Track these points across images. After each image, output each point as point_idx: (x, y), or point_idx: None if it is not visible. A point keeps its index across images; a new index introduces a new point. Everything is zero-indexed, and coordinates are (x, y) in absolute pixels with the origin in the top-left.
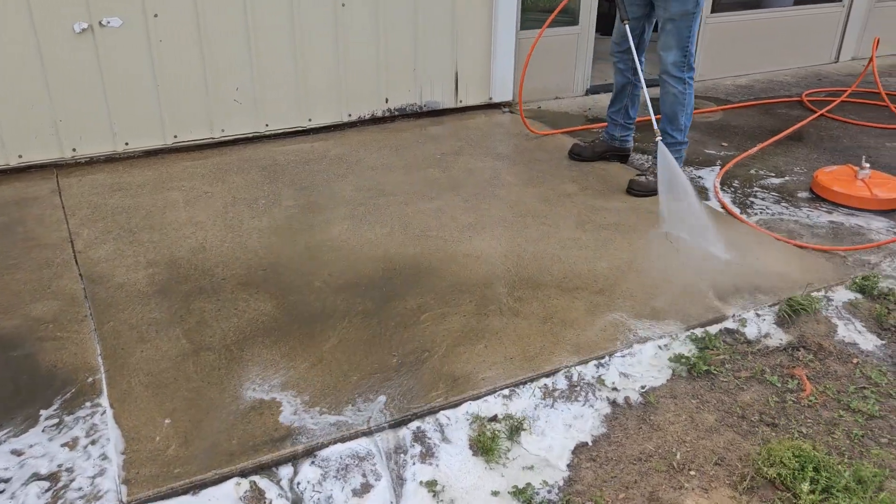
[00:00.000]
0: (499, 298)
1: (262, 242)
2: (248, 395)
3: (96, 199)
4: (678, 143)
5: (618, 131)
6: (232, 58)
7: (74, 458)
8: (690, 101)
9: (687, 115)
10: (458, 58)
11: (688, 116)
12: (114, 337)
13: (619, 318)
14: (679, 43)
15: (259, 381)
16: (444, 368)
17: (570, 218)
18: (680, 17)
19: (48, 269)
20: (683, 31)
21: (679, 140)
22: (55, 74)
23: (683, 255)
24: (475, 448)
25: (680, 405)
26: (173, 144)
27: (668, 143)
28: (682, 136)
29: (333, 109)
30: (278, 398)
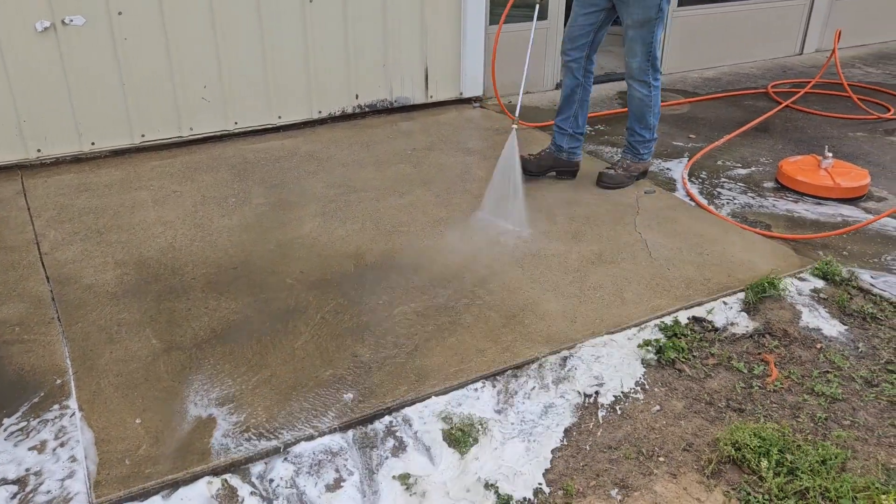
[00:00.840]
0: (470, 292)
1: (233, 241)
2: (220, 393)
3: (63, 199)
4: (647, 140)
5: (566, 142)
6: (199, 55)
7: (43, 462)
8: (657, 102)
9: (655, 115)
10: (428, 53)
11: (656, 115)
12: (82, 338)
13: (589, 309)
14: (643, 49)
15: (230, 380)
16: (415, 362)
17: (541, 211)
18: (643, 24)
19: (13, 271)
20: (647, 36)
21: (648, 138)
22: (17, 74)
23: (652, 246)
24: (448, 441)
25: (649, 393)
26: (141, 144)
27: (638, 141)
28: (650, 133)
29: (303, 106)
30: (250, 396)
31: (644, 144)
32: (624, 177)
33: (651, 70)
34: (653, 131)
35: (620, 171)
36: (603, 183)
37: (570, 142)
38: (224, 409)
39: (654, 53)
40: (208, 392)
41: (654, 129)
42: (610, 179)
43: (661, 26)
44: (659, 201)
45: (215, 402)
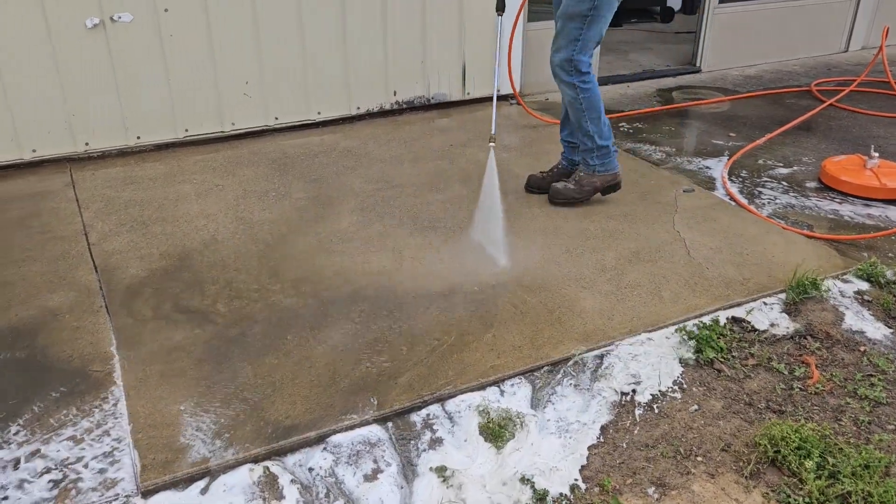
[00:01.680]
0: (508, 287)
1: (273, 234)
2: (261, 382)
3: (109, 192)
4: (592, 149)
5: (577, 155)
6: (241, 52)
7: (90, 447)
8: (592, 105)
9: (593, 119)
10: (466, 50)
11: (595, 121)
12: (128, 327)
13: (626, 307)
14: (567, 45)
15: (271, 370)
16: (453, 356)
17: (577, 209)
18: (571, 17)
19: (63, 260)
20: (573, 32)
21: (591, 146)
22: (68, 70)
23: (691, 245)
24: (484, 435)
25: (687, 393)
26: (184, 138)
27: (584, 151)
28: (591, 141)
29: (342, 102)
30: (290, 386)
31: (591, 154)
32: (574, 192)
33: (574, 71)
34: (594, 138)
35: (571, 185)
36: (551, 197)
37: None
38: (265, 398)
39: (578, 55)
40: (250, 381)
41: (595, 135)
42: (557, 194)
43: (595, 29)
44: (698, 200)
45: (256, 390)
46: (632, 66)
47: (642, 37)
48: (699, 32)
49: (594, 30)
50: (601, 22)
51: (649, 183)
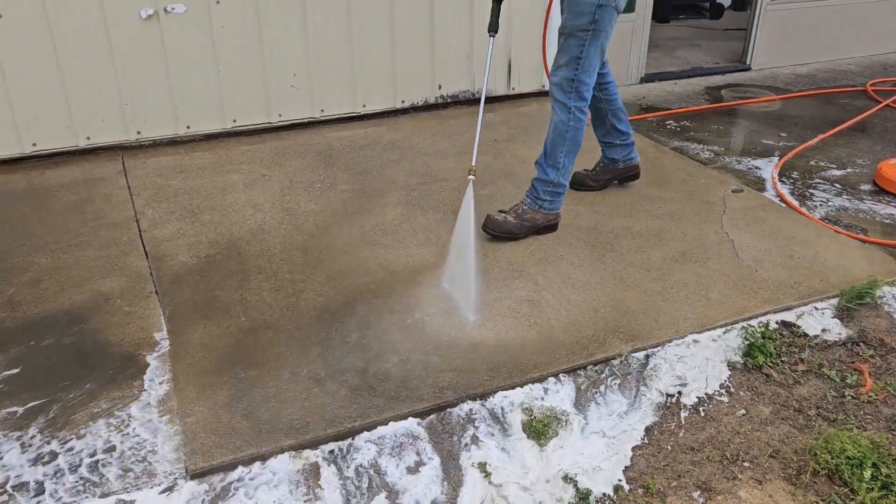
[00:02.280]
0: (551, 285)
1: (319, 225)
2: (306, 371)
3: (160, 180)
4: (550, 182)
5: (618, 153)
6: (289, 44)
7: (139, 429)
8: (575, 136)
9: (567, 153)
10: (512, 45)
11: (568, 155)
12: (178, 313)
13: (673, 308)
14: (568, 62)
15: (316, 359)
16: (496, 352)
17: (622, 207)
18: (571, 33)
19: (115, 246)
20: (574, 49)
21: (552, 180)
22: (122, 59)
23: (740, 246)
24: (528, 432)
25: (734, 397)
26: (232, 129)
27: (540, 181)
28: (556, 174)
29: (387, 96)
30: (335, 377)
31: (547, 188)
32: (514, 225)
33: (573, 93)
34: (560, 173)
35: (511, 218)
36: (486, 227)
37: (622, 151)
38: (310, 387)
39: (581, 75)
40: (295, 369)
41: (562, 170)
42: (495, 226)
43: (597, 45)
44: (747, 201)
45: (302, 379)
46: (679, 63)
47: (690, 33)
48: (750, 30)
49: (595, 46)
50: (604, 37)
51: (697, 182)
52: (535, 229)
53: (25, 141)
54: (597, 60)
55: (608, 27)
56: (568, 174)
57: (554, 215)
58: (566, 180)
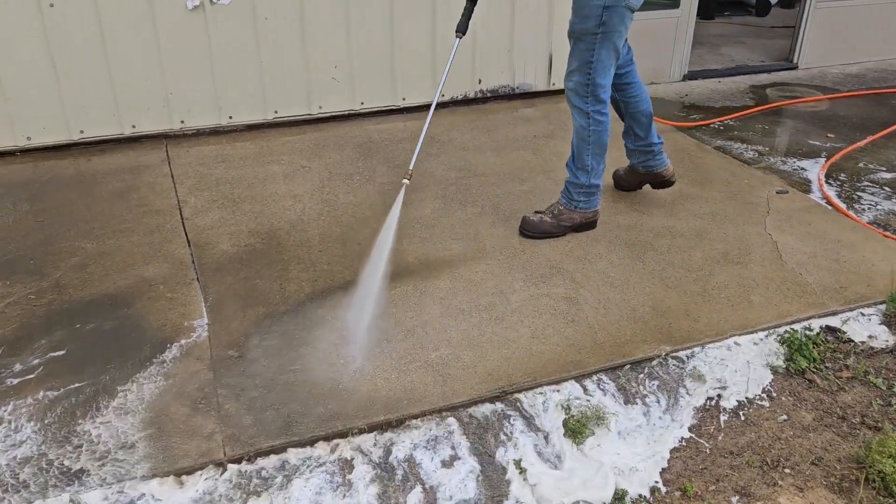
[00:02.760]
0: (589, 283)
1: (357, 217)
2: (343, 363)
3: (202, 169)
4: (582, 185)
5: (634, 157)
6: (331, 36)
7: (178, 413)
8: (598, 139)
9: (593, 155)
10: (554, 40)
11: (595, 157)
12: (218, 300)
13: (713, 310)
14: (580, 67)
15: (354, 349)
16: (533, 349)
17: (663, 206)
18: (580, 37)
19: (159, 233)
20: (584, 53)
21: (583, 182)
22: (168, 49)
23: (783, 249)
24: (565, 430)
25: (776, 402)
26: (273, 119)
27: (572, 183)
28: (586, 177)
29: (427, 89)
30: (372, 367)
31: (579, 189)
32: (550, 225)
33: (590, 97)
34: (590, 175)
35: (548, 218)
36: (522, 229)
37: (638, 157)
38: (347, 378)
39: (595, 78)
40: (332, 361)
41: (592, 172)
42: (530, 227)
43: (609, 46)
44: (792, 202)
45: (339, 370)
46: (724, 60)
47: (735, 30)
48: (798, 28)
49: (607, 48)
50: (615, 38)
51: (740, 182)
52: (572, 228)
53: (73, 128)
54: (610, 61)
55: (620, 27)
56: (599, 174)
57: (591, 213)
58: (598, 180)
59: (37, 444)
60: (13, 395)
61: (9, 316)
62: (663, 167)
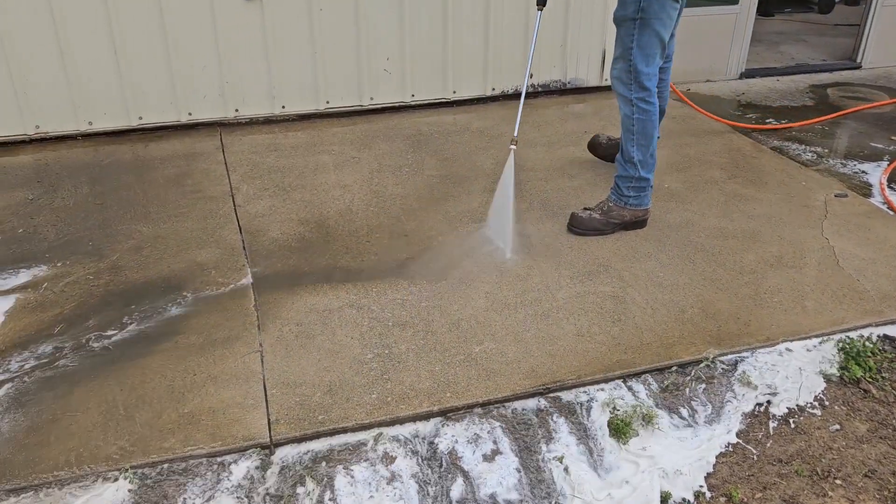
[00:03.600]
0: (637, 282)
1: (405, 209)
2: (389, 353)
3: (255, 157)
4: (631, 178)
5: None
6: (385, 28)
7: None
8: (644, 130)
9: (641, 147)
10: (608, 35)
11: (643, 148)
12: (268, 287)
13: (765, 314)
14: (622, 53)
15: (398, 341)
16: (578, 347)
17: (715, 206)
18: (620, 23)
19: (212, 219)
20: (625, 39)
21: (631, 175)
22: (225, 39)
23: (841, 254)
24: (610, 429)
25: (828, 411)
26: (325, 110)
27: (621, 178)
28: (634, 170)
29: (478, 83)
30: (415, 360)
31: (628, 184)
32: (599, 222)
33: (633, 84)
34: (638, 167)
35: (597, 215)
36: (571, 226)
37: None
38: (392, 368)
39: (636, 65)
40: (378, 351)
41: (639, 164)
42: (579, 223)
43: (650, 33)
44: (851, 207)
45: (385, 360)
46: (783, 58)
47: (796, 28)
48: (863, 26)
49: (648, 35)
50: (657, 25)
51: (797, 184)
52: (622, 226)
53: (133, 114)
54: (655, 49)
55: (662, 14)
56: (648, 167)
57: (642, 211)
58: (648, 173)
59: None
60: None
61: (68, 295)
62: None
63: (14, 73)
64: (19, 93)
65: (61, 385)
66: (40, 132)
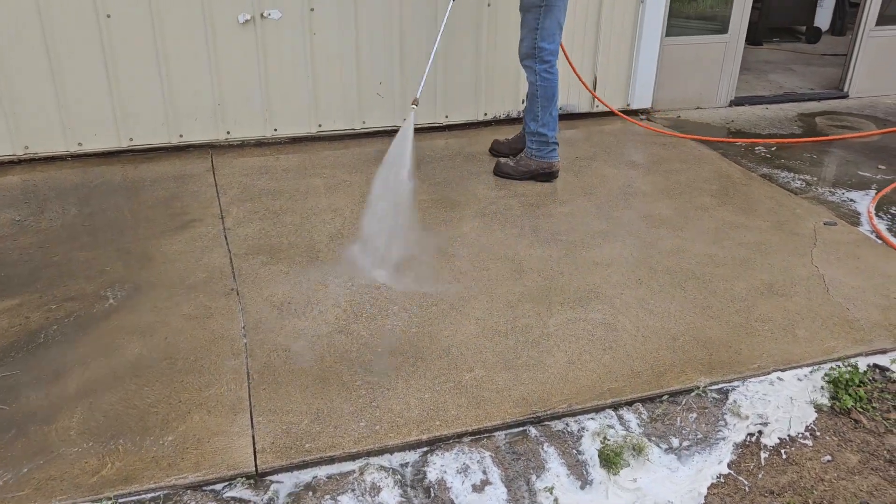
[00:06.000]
0: (628, 310)
1: None
2: (378, 381)
3: (246, 180)
4: (535, 134)
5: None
6: (379, 53)
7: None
8: (546, 94)
9: (544, 108)
10: (598, 63)
11: (545, 109)
12: (256, 312)
13: (756, 342)
14: (528, 33)
15: (390, 370)
16: (569, 375)
17: (706, 233)
18: (528, 9)
19: (200, 241)
20: (532, 22)
21: (534, 130)
22: (218, 62)
23: (830, 282)
24: (600, 459)
25: (820, 441)
26: (317, 133)
27: (529, 132)
28: (535, 126)
29: (470, 108)
30: (404, 388)
31: (533, 139)
32: (512, 168)
33: (538, 59)
34: (540, 124)
35: (511, 163)
36: (495, 169)
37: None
38: (381, 396)
39: (540, 43)
40: (366, 379)
41: (542, 123)
42: (499, 167)
43: (551, 17)
44: (840, 235)
45: (373, 389)
46: (771, 87)
47: (784, 57)
48: (850, 55)
49: (551, 18)
50: (556, 11)
51: (786, 212)
52: (530, 174)
53: (123, 136)
54: (555, 31)
55: (560, 2)
56: (549, 126)
57: (547, 164)
58: (549, 131)
59: None
60: None
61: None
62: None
63: (3, 93)
64: (8, 113)
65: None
66: (29, 153)
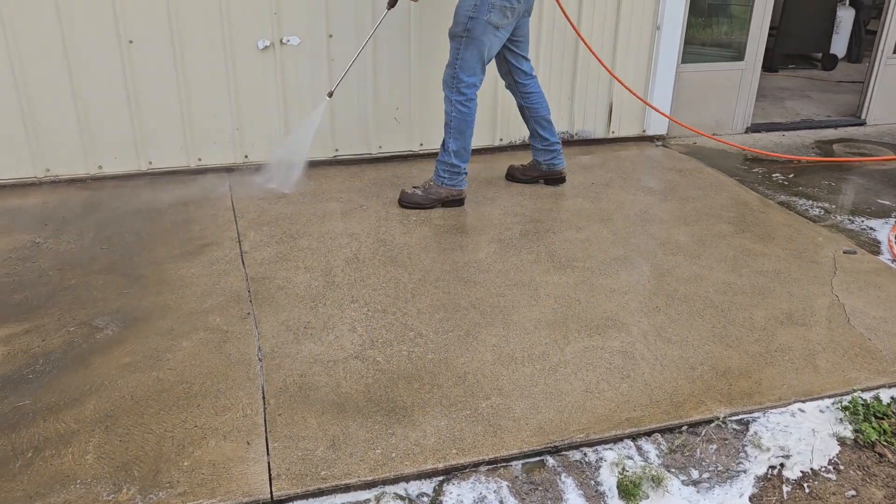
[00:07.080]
0: (646, 338)
1: (412, 258)
2: (394, 406)
3: (263, 203)
4: (444, 162)
5: (540, 156)
6: (395, 78)
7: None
8: (459, 125)
9: (455, 139)
10: (614, 88)
11: (455, 140)
12: (272, 336)
13: (776, 373)
14: (451, 62)
15: (407, 395)
16: (586, 404)
17: (724, 261)
18: (451, 37)
19: (217, 265)
20: (454, 52)
21: (444, 160)
22: (239, 87)
23: (851, 312)
24: (619, 490)
25: (843, 475)
26: (334, 157)
27: (439, 160)
28: (446, 156)
29: (487, 134)
30: (420, 414)
31: (443, 166)
32: (421, 197)
33: (454, 90)
34: (452, 155)
35: (419, 192)
36: (401, 201)
37: (544, 155)
38: (399, 422)
39: (458, 73)
40: (381, 402)
41: (452, 152)
42: (406, 197)
43: (473, 50)
44: (860, 263)
45: (389, 416)
46: (788, 114)
47: (800, 84)
48: (867, 83)
49: (471, 51)
50: (478, 44)
51: (805, 240)
52: (440, 201)
53: (143, 159)
54: (475, 64)
55: (482, 37)
56: (459, 156)
57: (457, 192)
58: (459, 161)
59: None
60: None
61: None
62: (562, 166)
63: (27, 117)
64: (31, 136)
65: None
66: (50, 175)
